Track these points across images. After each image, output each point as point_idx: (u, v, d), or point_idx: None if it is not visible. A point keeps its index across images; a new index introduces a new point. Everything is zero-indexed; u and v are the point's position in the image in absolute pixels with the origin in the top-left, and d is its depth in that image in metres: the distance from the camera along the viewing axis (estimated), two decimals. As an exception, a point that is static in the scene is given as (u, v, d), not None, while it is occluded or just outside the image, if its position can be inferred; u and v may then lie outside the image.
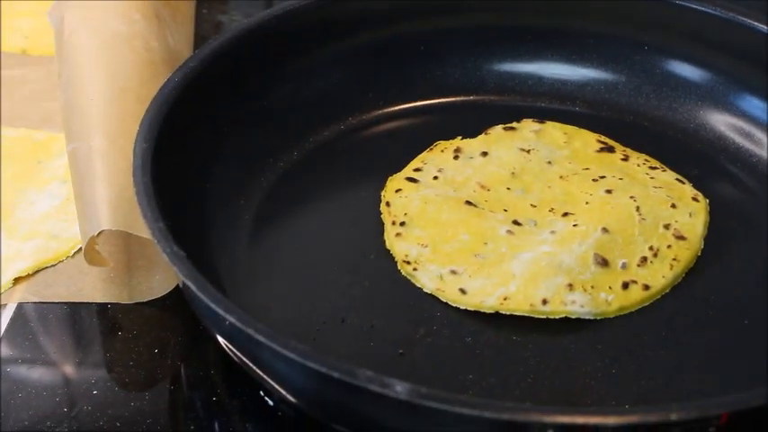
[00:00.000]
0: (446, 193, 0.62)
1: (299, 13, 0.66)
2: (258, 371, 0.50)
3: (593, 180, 0.63)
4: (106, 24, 0.67)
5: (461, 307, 0.56)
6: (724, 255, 0.60)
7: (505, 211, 0.61)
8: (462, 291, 0.57)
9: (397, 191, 0.63)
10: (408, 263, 0.59)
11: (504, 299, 0.56)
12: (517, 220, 0.61)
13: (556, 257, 0.58)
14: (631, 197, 0.61)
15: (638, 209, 0.61)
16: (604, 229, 0.59)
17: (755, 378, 0.53)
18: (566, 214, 0.61)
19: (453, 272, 0.58)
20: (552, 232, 0.60)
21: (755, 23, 0.66)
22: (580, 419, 0.43)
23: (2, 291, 0.60)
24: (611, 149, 0.66)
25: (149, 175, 0.53)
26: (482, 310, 0.56)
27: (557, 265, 0.57)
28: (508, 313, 0.56)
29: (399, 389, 0.43)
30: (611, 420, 0.43)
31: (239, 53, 0.64)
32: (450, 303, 0.57)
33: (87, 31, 0.66)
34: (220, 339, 0.51)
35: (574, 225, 0.60)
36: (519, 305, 0.56)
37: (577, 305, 0.56)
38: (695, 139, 0.68)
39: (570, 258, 0.57)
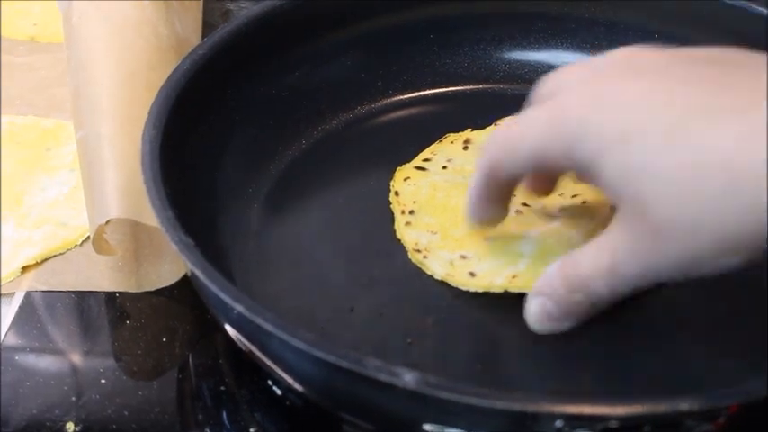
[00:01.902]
0: (455, 180, 0.62)
1: (307, 1, 0.66)
2: (266, 360, 0.50)
3: (605, 168, 0.63)
4: (115, 10, 0.66)
5: (471, 290, 0.56)
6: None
7: (514, 195, 0.61)
8: (472, 274, 0.57)
9: (405, 179, 0.63)
10: (419, 251, 0.58)
11: (513, 277, 0.56)
12: (526, 202, 0.60)
13: (565, 233, 0.57)
14: None
15: None
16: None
17: (766, 367, 0.52)
18: (575, 196, 0.61)
19: (463, 257, 0.58)
20: (562, 209, 0.59)
21: (769, 12, 0.65)
22: (589, 410, 0.43)
23: (10, 279, 0.60)
24: (621, 139, 0.66)
25: (158, 163, 0.52)
26: (492, 290, 0.56)
27: (566, 241, 0.57)
28: (518, 291, 0.55)
29: (408, 378, 0.43)
30: (620, 411, 0.43)
31: (248, 41, 0.63)
32: (460, 288, 0.56)
33: (96, 17, 0.66)
34: (228, 328, 0.51)
35: (583, 203, 0.60)
36: (528, 282, 0.55)
37: None
38: (707, 128, 0.68)
39: (579, 235, 0.57)
